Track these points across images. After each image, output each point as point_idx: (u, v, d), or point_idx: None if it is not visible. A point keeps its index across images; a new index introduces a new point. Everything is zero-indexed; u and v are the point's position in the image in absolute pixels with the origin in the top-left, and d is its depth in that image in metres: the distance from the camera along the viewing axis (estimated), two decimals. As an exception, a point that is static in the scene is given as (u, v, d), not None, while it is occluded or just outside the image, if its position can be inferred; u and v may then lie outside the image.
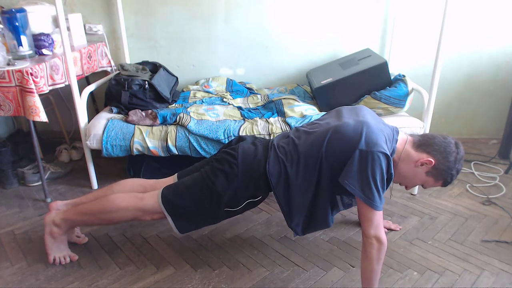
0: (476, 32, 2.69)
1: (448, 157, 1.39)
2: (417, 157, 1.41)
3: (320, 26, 2.72)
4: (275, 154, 1.49)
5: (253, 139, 1.62)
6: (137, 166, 2.35)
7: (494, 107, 2.88)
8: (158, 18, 2.68)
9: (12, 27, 1.99)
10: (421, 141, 1.44)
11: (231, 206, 1.52)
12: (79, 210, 1.61)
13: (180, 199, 1.51)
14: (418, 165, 1.42)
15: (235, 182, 1.48)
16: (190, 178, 1.56)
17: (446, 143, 1.40)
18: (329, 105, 2.32)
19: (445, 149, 1.39)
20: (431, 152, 1.40)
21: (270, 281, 1.56)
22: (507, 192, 2.26)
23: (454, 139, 1.44)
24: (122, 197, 1.56)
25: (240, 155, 1.50)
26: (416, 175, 1.44)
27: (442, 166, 1.39)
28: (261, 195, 1.54)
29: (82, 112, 2.13)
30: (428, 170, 1.42)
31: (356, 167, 1.32)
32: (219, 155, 1.56)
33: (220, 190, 1.47)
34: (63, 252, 1.65)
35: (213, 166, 1.52)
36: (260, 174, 1.48)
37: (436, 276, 1.60)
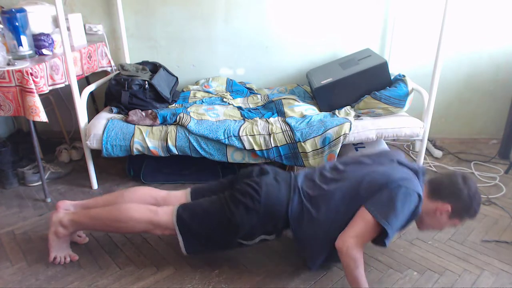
0: (476, 32, 2.69)
1: (460, 196, 1.40)
2: (434, 207, 1.44)
3: (320, 26, 2.72)
4: (300, 199, 1.49)
5: (275, 174, 1.59)
6: (137, 166, 2.35)
7: (494, 107, 2.88)
8: (158, 18, 2.69)
9: (12, 27, 1.99)
10: (430, 189, 1.46)
11: (245, 239, 1.52)
12: (90, 215, 1.60)
13: (196, 222, 1.50)
14: (438, 215, 1.44)
15: (255, 218, 1.47)
16: (208, 202, 1.54)
17: (452, 183, 1.42)
18: (329, 105, 2.32)
19: (453, 190, 1.41)
20: (443, 198, 1.42)
21: (270, 281, 1.56)
22: (507, 192, 2.25)
23: (461, 174, 1.45)
24: (136, 208, 1.55)
25: (264, 192, 1.48)
26: (441, 223, 1.47)
27: (459, 207, 1.41)
28: (275, 233, 1.55)
29: (82, 112, 2.13)
30: (450, 215, 1.44)
31: (385, 196, 1.35)
32: (241, 186, 1.53)
33: (238, 223, 1.47)
34: (64, 252, 1.64)
35: (235, 196, 1.50)
36: (280, 215, 1.48)
37: (436, 276, 1.60)
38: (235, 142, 2.07)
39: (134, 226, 1.54)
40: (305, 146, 2.07)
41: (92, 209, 1.64)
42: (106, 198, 1.71)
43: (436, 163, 2.62)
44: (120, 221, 1.54)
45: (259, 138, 2.08)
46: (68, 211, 1.65)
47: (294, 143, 2.08)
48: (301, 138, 2.08)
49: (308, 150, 2.08)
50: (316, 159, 2.10)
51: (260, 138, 2.08)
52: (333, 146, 2.08)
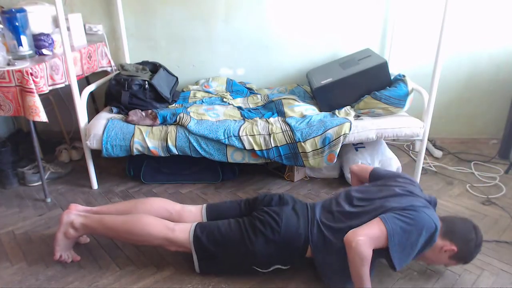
0: (476, 32, 2.69)
1: (468, 244, 1.48)
2: (441, 245, 1.47)
3: (320, 26, 2.72)
4: (319, 231, 1.50)
5: (293, 203, 1.61)
6: (137, 166, 2.35)
7: (494, 107, 2.88)
8: (158, 18, 2.68)
9: (12, 27, 1.99)
10: (443, 227, 1.48)
11: (260, 267, 1.54)
12: (104, 222, 1.59)
13: (213, 245, 1.51)
14: (442, 251, 1.48)
15: (272, 249, 1.49)
16: (227, 226, 1.53)
17: (466, 231, 1.49)
18: (329, 105, 2.32)
19: (466, 236, 1.48)
20: (454, 240, 1.47)
21: (270, 281, 1.56)
22: (507, 192, 2.25)
23: (473, 223, 1.52)
24: (153, 223, 1.54)
25: (284, 224, 1.49)
26: (440, 259, 1.52)
27: (463, 252, 1.48)
28: (291, 264, 1.56)
29: (82, 112, 2.13)
30: (451, 256, 1.49)
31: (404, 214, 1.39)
32: (262, 214, 1.53)
33: (256, 251, 1.48)
34: (68, 251, 1.64)
35: (255, 225, 1.51)
36: (297, 247, 1.50)
37: (436, 276, 1.60)
38: (235, 142, 2.07)
39: (149, 241, 1.55)
40: (305, 146, 2.07)
41: (107, 216, 1.63)
42: (119, 207, 1.70)
43: (436, 163, 2.62)
44: (136, 234, 1.54)
45: (259, 138, 2.08)
46: (81, 214, 1.63)
47: (294, 143, 2.08)
48: (301, 138, 2.08)
49: (308, 150, 2.08)
50: (316, 159, 2.10)
51: (260, 138, 2.08)
52: (333, 146, 2.08)
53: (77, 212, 1.65)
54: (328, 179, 2.40)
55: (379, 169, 1.78)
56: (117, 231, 1.57)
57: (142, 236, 1.53)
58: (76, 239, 1.66)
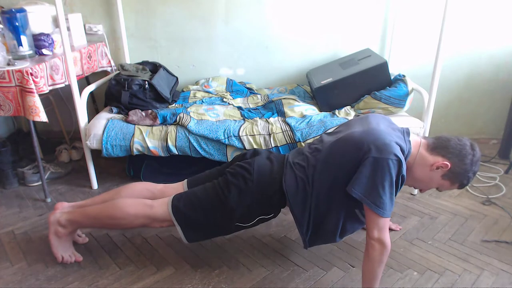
0: (476, 32, 2.69)
1: (464, 159, 1.36)
2: (432, 161, 1.39)
3: (320, 26, 2.72)
4: (292, 171, 1.48)
5: (268, 154, 1.59)
6: (137, 166, 2.35)
7: (494, 107, 2.88)
8: (158, 18, 2.69)
9: (12, 27, 1.99)
10: (435, 143, 1.41)
11: (242, 221, 1.51)
12: (86, 213, 1.60)
13: (191, 210, 1.50)
14: (433, 169, 1.39)
15: (249, 198, 1.46)
16: (202, 189, 1.53)
17: (461, 145, 1.38)
18: (329, 105, 2.32)
19: (460, 151, 1.37)
20: (447, 155, 1.38)
21: (270, 281, 1.56)
22: (507, 192, 2.26)
23: (470, 140, 1.41)
24: (131, 203, 1.54)
25: (256, 171, 1.47)
26: (432, 179, 1.43)
27: (458, 169, 1.37)
28: (273, 212, 1.53)
29: (82, 112, 2.13)
30: (444, 173, 1.39)
31: (364, 174, 1.31)
32: (233, 168, 1.52)
33: (233, 205, 1.46)
34: (68, 251, 1.64)
35: (227, 179, 1.49)
36: (274, 191, 1.47)
37: (436, 276, 1.60)
38: (235, 142, 2.07)
39: (132, 222, 1.54)
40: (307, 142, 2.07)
41: (88, 207, 1.64)
42: (103, 197, 1.70)
43: (436, 163, 2.62)
44: (117, 217, 1.53)
45: (259, 138, 2.08)
46: (65, 211, 1.64)
47: (294, 143, 2.08)
48: (301, 138, 2.08)
49: (308, 150, 2.08)
50: (316, 159, 2.10)
51: (260, 138, 2.08)
52: (333, 146, 2.08)
53: (61, 210, 1.65)
54: (328, 179, 2.40)
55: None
56: (100, 218, 1.56)
57: (123, 219, 1.52)
58: (69, 237, 1.65)
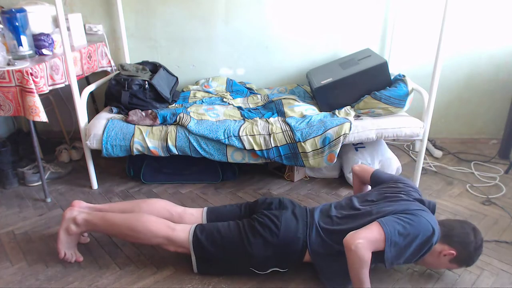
0: (476, 32, 2.69)
1: (467, 247, 1.47)
2: (440, 249, 1.47)
3: (320, 26, 2.72)
4: (318, 234, 1.51)
5: (292, 207, 1.61)
6: (137, 166, 2.35)
7: (494, 107, 2.88)
8: (158, 18, 2.69)
9: (12, 27, 1.99)
10: (441, 232, 1.48)
11: (257, 268, 1.54)
12: (106, 218, 1.59)
13: (212, 246, 1.51)
14: (441, 256, 1.48)
15: (270, 251, 1.49)
16: (226, 228, 1.54)
17: (464, 234, 1.48)
18: (329, 105, 2.32)
19: (464, 240, 1.47)
20: (452, 243, 1.47)
21: (270, 281, 1.56)
22: (507, 192, 2.25)
23: (472, 225, 1.52)
24: (155, 221, 1.55)
25: (283, 227, 1.50)
26: (441, 264, 1.52)
27: (463, 255, 1.48)
28: (289, 268, 1.56)
29: (82, 112, 2.13)
30: (451, 259, 1.49)
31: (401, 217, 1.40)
32: (261, 217, 1.54)
33: (254, 253, 1.49)
34: (71, 250, 1.64)
35: (255, 227, 1.51)
36: (295, 251, 1.50)
37: (436, 276, 1.60)
38: (235, 142, 2.07)
39: (149, 239, 1.55)
40: (305, 146, 2.07)
41: (109, 213, 1.63)
42: (122, 206, 1.71)
43: (436, 163, 2.62)
44: (137, 231, 1.54)
45: (259, 138, 2.08)
46: (83, 210, 1.64)
47: (294, 143, 2.08)
48: (301, 138, 2.08)
49: (308, 150, 2.08)
50: (316, 159, 2.10)
51: (260, 138, 2.08)
52: (333, 146, 2.08)
53: (79, 209, 1.65)
54: (328, 179, 2.40)
55: (380, 172, 1.78)
56: (119, 227, 1.57)
57: (143, 234, 1.53)
58: (78, 237, 1.65)
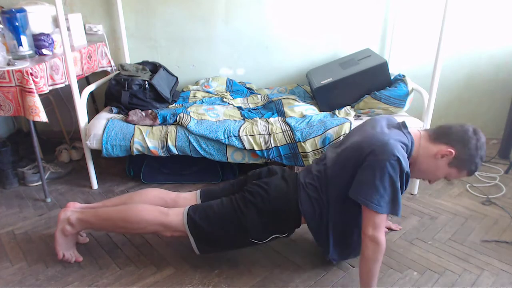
0: (476, 32, 2.69)
1: (468, 144, 1.34)
2: (436, 150, 1.38)
3: (320, 26, 2.72)
4: (305, 193, 1.50)
5: (282, 173, 1.61)
6: (137, 166, 2.35)
7: (494, 107, 2.88)
8: (158, 18, 2.69)
9: (12, 27, 1.99)
10: (437, 133, 1.41)
11: (257, 238, 1.53)
12: (98, 214, 1.60)
13: (207, 223, 1.51)
14: (438, 158, 1.38)
15: (266, 218, 1.49)
16: (219, 203, 1.54)
17: (463, 131, 1.36)
18: (329, 105, 2.32)
19: (463, 137, 1.35)
20: (450, 142, 1.36)
21: (270, 281, 1.56)
22: (507, 192, 2.25)
23: (472, 125, 1.39)
24: (147, 209, 1.55)
25: (273, 191, 1.50)
26: (438, 168, 1.41)
27: (464, 155, 1.35)
28: (288, 232, 1.55)
29: (82, 112, 2.13)
30: (450, 161, 1.37)
31: (363, 176, 1.33)
32: (251, 187, 1.55)
33: (250, 223, 1.48)
34: (70, 251, 1.64)
35: (245, 197, 1.51)
36: (291, 212, 1.50)
37: (436, 276, 1.60)
38: (235, 142, 2.07)
39: (145, 227, 1.54)
40: (305, 146, 2.07)
41: (102, 208, 1.64)
42: (115, 201, 1.71)
43: (436, 163, 2.62)
44: (131, 221, 1.54)
45: (259, 138, 2.08)
46: (77, 210, 1.65)
47: (294, 143, 2.08)
48: (301, 138, 2.08)
49: (308, 150, 2.08)
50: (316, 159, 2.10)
51: (260, 138, 2.08)
52: (333, 146, 2.08)
53: (73, 209, 1.66)
54: (328, 179, 2.40)
55: None
56: (113, 220, 1.57)
57: (137, 223, 1.53)
58: (75, 237, 1.65)
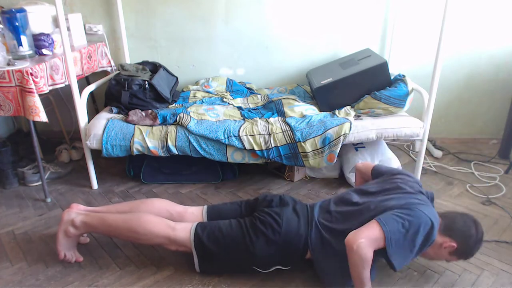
0: (476, 32, 2.69)
1: (468, 241, 1.47)
2: (441, 241, 1.47)
3: (320, 26, 2.72)
4: (318, 232, 1.51)
5: (293, 204, 1.61)
6: (137, 166, 2.35)
7: (494, 107, 2.88)
8: (158, 18, 2.69)
9: (12, 27, 1.99)
10: (442, 224, 1.49)
11: (260, 267, 1.54)
12: (104, 220, 1.59)
13: (214, 245, 1.51)
14: (442, 248, 1.48)
15: (273, 249, 1.49)
16: (228, 226, 1.54)
17: (466, 227, 1.48)
18: (329, 105, 2.32)
19: (465, 233, 1.47)
20: (453, 236, 1.47)
21: (271, 281, 1.56)
22: (507, 192, 2.25)
23: (473, 218, 1.51)
24: (154, 221, 1.55)
25: (285, 224, 1.50)
26: (441, 255, 1.52)
27: (463, 248, 1.48)
28: (292, 265, 1.56)
29: (82, 112, 2.13)
30: (451, 252, 1.49)
31: (399, 214, 1.38)
32: (263, 215, 1.53)
33: (257, 252, 1.49)
34: (71, 251, 1.64)
35: (256, 225, 1.51)
36: (298, 248, 1.51)
37: (436, 276, 1.60)
38: (235, 142, 2.07)
39: (150, 239, 1.54)
40: (305, 146, 2.07)
41: (108, 214, 1.63)
42: (120, 207, 1.70)
43: (436, 163, 2.62)
44: (137, 232, 1.54)
45: (259, 138, 2.08)
46: (82, 212, 1.64)
47: (294, 143, 2.08)
48: (301, 138, 2.08)
49: (308, 150, 2.08)
50: (316, 159, 2.10)
51: (260, 138, 2.08)
52: (333, 146, 2.08)
53: (78, 211, 1.65)
54: (328, 179, 2.40)
55: (380, 166, 1.78)
56: (119, 229, 1.57)
57: (143, 235, 1.53)
58: (77, 238, 1.65)
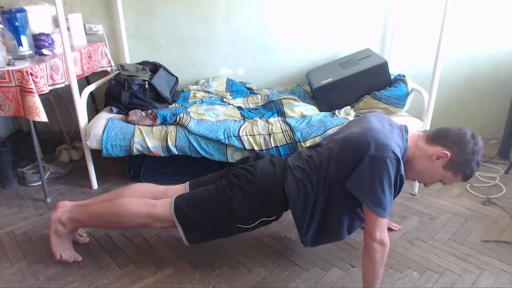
0: (476, 32, 2.69)
1: (464, 148, 1.33)
2: (431, 151, 1.37)
3: (320, 26, 2.72)
4: (292, 174, 1.49)
5: (270, 157, 1.61)
6: (137, 166, 2.35)
7: (494, 107, 2.88)
8: (158, 18, 2.69)
9: (12, 27, 1.99)
10: (434, 134, 1.40)
11: (244, 223, 1.52)
12: (87, 211, 1.60)
13: (194, 210, 1.50)
14: (433, 159, 1.37)
15: (252, 200, 1.47)
16: (205, 190, 1.54)
17: (461, 134, 1.35)
18: (329, 105, 2.32)
19: (460, 140, 1.34)
20: (446, 144, 1.35)
21: (270, 281, 1.56)
22: (507, 192, 2.25)
23: (471, 130, 1.37)
24: (134, 202, 1.55)
25: (259, 173, 1.49)
26: (434, 170, 1.40)
27: (460, 158, 1.34)
28: (275, 215, 1.54)
29: (82, 112, 2.13)
30: (445, 164, 1.37)
31: (363, 172, 1.31)
32: (237, 170, 1.54)
33: (236, 206, 1.47)
34: (67, 251, 1.64)
35: (231, 181, 1.50)
36: (277, 193, 1.48)
37: (436, 276, 1.60)
38: (235, 142, 2.07)
39: (133, 220, 1.54)
40: (305, 146, 2.07)
41: (91, 205, 1.64)
42: (105, 197, 1.71)
43: (436, 163, 2.62)
44: (119, 215, 1.53)
45: (259, 138, 2.08)
46: (67, 209, 1.65)
47: (294, 143, 2.08)
48: (301, 138, 2.08)
49: (308, 150, 2.08)
50: (316, 159, 2.10)
51: (260, 138, 2.08)
52: (333, 146, 2.08)
53: (64, 208, 1.65)
54: (328, 179, 2.40)
55: None
56: (102, 216, 1.57)
57: (125, 217, 1.53)
58: (69, 236, 1.65)
